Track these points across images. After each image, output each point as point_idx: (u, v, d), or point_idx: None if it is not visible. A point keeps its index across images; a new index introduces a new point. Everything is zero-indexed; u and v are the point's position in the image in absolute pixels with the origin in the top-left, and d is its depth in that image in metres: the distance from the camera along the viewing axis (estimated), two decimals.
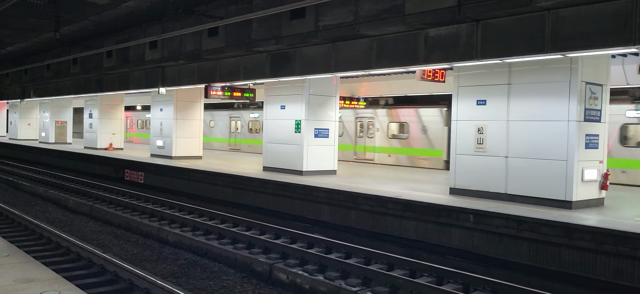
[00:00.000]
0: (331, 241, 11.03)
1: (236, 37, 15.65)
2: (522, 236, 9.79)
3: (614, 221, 9.51)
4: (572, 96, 10.74)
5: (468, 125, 12.49)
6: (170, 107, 22.83)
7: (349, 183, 14.80)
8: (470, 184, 12.42)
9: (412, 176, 17.53)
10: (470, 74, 12.43)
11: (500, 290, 8.18)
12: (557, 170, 10.93)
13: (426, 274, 9.08)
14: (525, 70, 11.41)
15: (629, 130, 16.58)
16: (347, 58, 13.49)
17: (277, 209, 14.84)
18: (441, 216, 11.05)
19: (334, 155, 17.63)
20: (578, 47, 9.49)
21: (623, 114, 16.56)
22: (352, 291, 8.17)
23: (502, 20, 10.30)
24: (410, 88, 21.52)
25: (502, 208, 10.64)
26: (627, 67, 15.55)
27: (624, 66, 15.56)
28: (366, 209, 12.53)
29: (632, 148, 16.46)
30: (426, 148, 21.80)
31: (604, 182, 11.45)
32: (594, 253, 8.85)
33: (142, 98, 34.18)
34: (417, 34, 11.65)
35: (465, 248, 10.64)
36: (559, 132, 10.91)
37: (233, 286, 8.98)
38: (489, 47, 10.57)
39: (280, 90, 17.59)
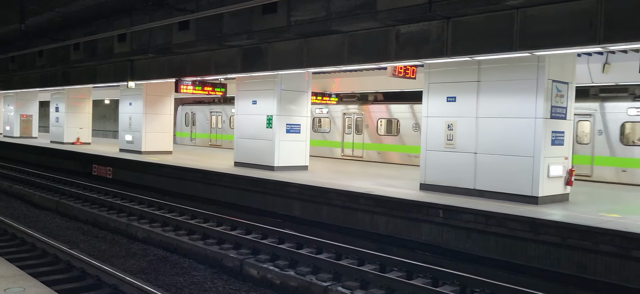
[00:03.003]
0: (302, 236, 11.03)
1: (207, 31, 15.49)
2: (490, 231, 9.96)
3: (578, 216, 9.76)
4: (539, 93, 10.95)
5: (438, 122, 12.63)
6: (139, 101, 22.48)
7: (320, 178, 14.82)
8: (440, 180, 12.57)
9: (385, 172, 17.65)
10: (440, 71, 12.57)
11: (468, 284, 8.31)
12: (524, 166, 11.15)
13: (396, 269, 9.16)
14: (494, 67, 11.60)
15: (629, 128, 16.33)
16: (319, 54, 13.50)
17: (249, 204, 14.77)
18: (411, 212, 11.16)
19: (305, 151, 17.63)
20: (545, 45, 9.70)
21: (624, 112, 16.26)
22: (322, 286, 8.19)
23: (472, 17, 10.45)
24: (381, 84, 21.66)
25: (470, 203, 10.81)
26: (592, 65, 15.96)
27: (588, 65, 15.97)
28: (338, 204, 12.57)
29: (634, 146, 16.26)
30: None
31: (569, 178, 11.73)
32: (559, 247, 9.07)
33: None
34: (389, 31, 11.73)
35: (435, 243, 10.77)
36: (526, 128, 11.13)
37: (203, 282, 8.91)
38: (459, 44, 10.71)
39: (252, 85, 17.49)
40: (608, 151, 16.49)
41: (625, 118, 16.24)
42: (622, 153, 16.31)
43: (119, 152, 22.94)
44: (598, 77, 16.12)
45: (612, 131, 16.41)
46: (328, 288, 8.12)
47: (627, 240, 8.33)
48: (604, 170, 16.54)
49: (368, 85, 22.66)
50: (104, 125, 46.67)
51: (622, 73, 15.51)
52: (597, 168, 16.69)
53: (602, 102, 16.69)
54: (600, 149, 16.60)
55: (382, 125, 23.34)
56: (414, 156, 21.17)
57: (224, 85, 20.39)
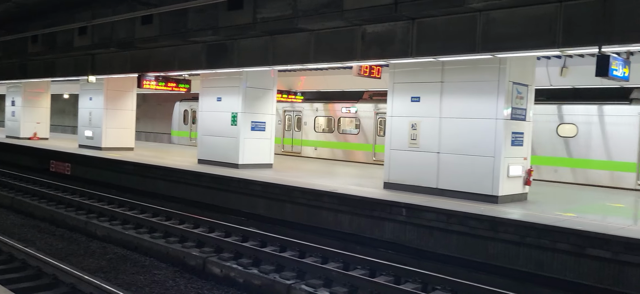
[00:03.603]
0: (266, 234, 10.99)
1: (171, 26, 15.24)
2: (452, 229, 10.12)
3: (536, 215, 10.01)
4: (500, 95, 11.19)
5: (402, 121, 12.76)
6: (100, 97, 21.97)
7: (285, 176, 14.79)
8: (403, 179, 12.70)
9: (350, 171, 17.74)
10: (405, 71, 12.71)
11: (430, 281, 8.43)
12: (485, 165, 11.38)
13: (359, 267, 9.22)
14: (458, 68, 11.79)
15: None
16: (285, 52, 13.46)
17: (212, 202, 14.62)
18: (375, 210, 11.25)
19: (270, 149, 17.56)
20: (507, 48, 9.92)
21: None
22: (286, 284, 8.17)
23: (437, 19, 10.59)
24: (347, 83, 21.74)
25: (433, 202, 10.96)
26: (551, 68, 16.40)
27: (547, 68, 16.41)
28: (302, 203, 12.57)
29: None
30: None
31: (528, 178, 12.02)
32: (518, 245, 9.29)
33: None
34: (355, 30, 11.78)
35: (398, 241, 10.88)
36: (488, 129, 11.35)
37: (165, 280, 8.78)
38: (423, 45, 10.85)
39: (217, 81, 17.31)
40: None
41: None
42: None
43: (78, 148, 22.37)
44: (556, 80, 16.57)
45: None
46: (291, 286, 8.11)
47: (582, 238, 8.59)
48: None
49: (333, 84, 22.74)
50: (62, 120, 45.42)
51: (579, 77, 15.99)
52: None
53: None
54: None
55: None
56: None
57: (188, 81, 20.11)
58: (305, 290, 8.01)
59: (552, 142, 17.20)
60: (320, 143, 24.36)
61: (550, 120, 17.28)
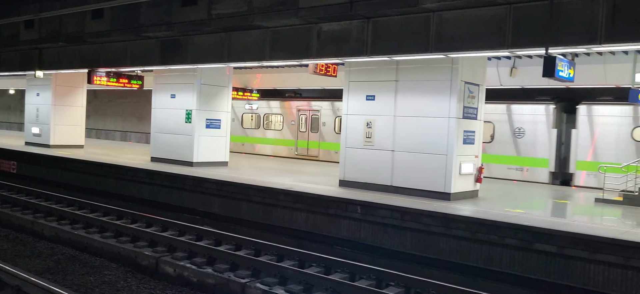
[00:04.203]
0: (221, 233, 10.87)
1: (123, 21, 14.88)
2: (406, 226, 10.28)
3: (487, 211, 10.28)
4: (453, 94, 11.43)
5: (357, 120, 12.87)
6: (48, 92, 21.23)
7: (240, 174, 14.67)
8: (358, 176, 12.81)
9: (306, 169, 17.76)
10: (360, 70, 12.81)
11: (384, 278, 8.53)
12: (438, 163, 11.60)
13: (315, 265, 9.24)
14: (412, 68, 11.97)
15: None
16: (240, 49, 13.35)
17: (166, 201, 14.36)
18: (330, 208, 11.30)
19: (225, 146, 17.39)
20: (459, 48, 10.14)
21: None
22: (241, 283, 8.11)
23: (392, 19, 10.73)
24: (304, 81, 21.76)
25: (387, 199, 11.09)
26: (501, 69, 16.87)
27: (498, 68, 16.86)
28: (257, 201, 12.50)
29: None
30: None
31: (479, 175, 12.33)
32: (469, 241, 9.52)
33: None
34: (311, 28, 11.80)
35: (353, 238, 10.97)
36: (441, 127, 11.58)
37: (116, 281, 8.56)
38: (378, 44, 10.96)
39: (171, 78, 17.01)
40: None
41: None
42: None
43: (25, 146, 21.55)
44: (506, 80, 17.06)
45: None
46: (246, 285, 8.05)
47: (530, 234, 8.88)
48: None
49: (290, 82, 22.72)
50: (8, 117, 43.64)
51: (527, 77, 16.51)
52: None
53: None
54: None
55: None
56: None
57: (141, 77, 19.68)
58: (260, 288, 7.97)
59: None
60: (245, 139, 25.09)
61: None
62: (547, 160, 17.13)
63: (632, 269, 7.98)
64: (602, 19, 8.42)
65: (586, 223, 9.67)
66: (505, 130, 17.92)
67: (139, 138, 31.07)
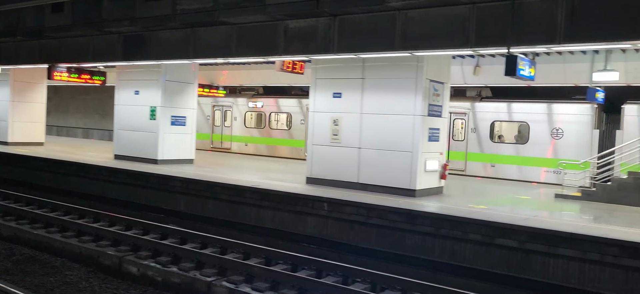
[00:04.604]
0: (186, 231, 10.74)
1: (85, 15, 14.54)
2: (372, 222, 10.36)
3: (451, 207, 10.46)
4: (418, 92, 11.57)
5: (324, 117, 12.90)
6: (5, 88, 20.59)
7: (206, 172, 14.54)
8: (325, 173, 12.84)
9: (272, 166, 17.70)
10: (327, 67, 12.84)
11: (350, 274, 8.58)
12: (404, 160, 11.73)
13: (281, 262, 9.23)
14: (378, 66, 12.06)
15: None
16: (206, 45, 13.21)
17: (130, 199, 14.11)
18: (297, 205, 11.30)
19: (191, 144, 17.19)
20: (424, 46, 10.27)
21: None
22: (206, 281, 8.04)
23: (358, 16, 10.78)
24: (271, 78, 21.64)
25: (354, 196, 11.16)
26: (465, 67, 17.15)
27: (462, 67, 17.13)
28: (224, 198, 12.41)
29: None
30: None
31: (443, 172, 12.52)
32: (433, 237, 9.66)
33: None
34: (277, 25, 11.76)
35: (320, 235, 11.00)
36: (406, 125, 11.71)
37: (77, 281, 8.37)
38: (345, 41, 11.00)
39: (134, 74, 16.71)
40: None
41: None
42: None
43: None
44: (470, 78, 17.36)
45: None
46: (212, 283, 7.99)
47: (492, 229, 9.07)
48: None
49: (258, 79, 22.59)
50: None
51: (491, 76, 16.83)
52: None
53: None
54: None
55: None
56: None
57: (104, 73, 19.25)
58: (226, 287, 7.91)
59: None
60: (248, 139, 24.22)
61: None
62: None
63: (589, 263, 8.24)
64: (561, 19, 8.65)
65: (546, 219, 9.92)
66: (542, 131, 16.79)
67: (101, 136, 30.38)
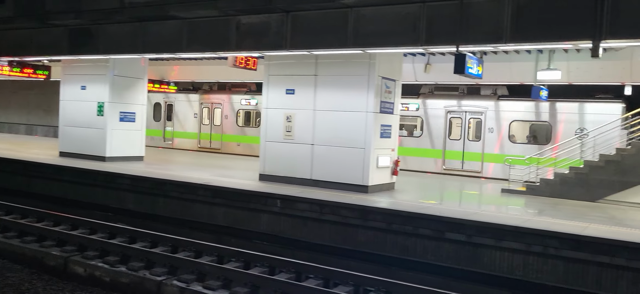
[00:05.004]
0: (135, 230, 10.50)
1: (27, 7, 13.96)
2: (325, 219, 10.41)
3: (402, 203, 10.63)
4: (370, 89, 11.69)
5: (277, 113, 12.86)
6: None
7: (157, 169, 14.25)
8: (278, 170, 12.82)
9: (225, 163, 17.52)
10: (280, 64, 12.80)
11: (303, 270, 8.59)
12: (356, 157, 11.84)
13: (234, 260, 9.15)
14: (331, 62, 12.11)
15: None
16: (156, 40, 12.93)
17: (76, 198, 13.67)
18: (250, 202, 11.24)
19: (141, 140, 16.81)
20: (376, 44, 10.38)
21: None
22: (156, 280, 7.89)
23: (311, 13, 10.79)
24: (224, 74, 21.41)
25: (307, 193, 11.19)
26: (416, 65, 17.45)
27: (413, 64, 17.43)
28: (175, 196, 12.20)
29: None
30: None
31: (395, 168, 12.71)
32: (385, 232, 9.80)
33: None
34: (230, 20, 11.63)
35: (273, 232, 10.98)
36: (359, 122, 11.81)
37: (20, 283, 8.04)
38: (298, 38, 10.99)
39: (81, 69, 16.20)
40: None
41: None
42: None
43: None
44: (421, 76, 17.68)
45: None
46: (162, 283, 7.85)
47: (442, 223, 9.27)
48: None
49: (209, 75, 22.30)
50: None
51: (441, 74, 17.19)
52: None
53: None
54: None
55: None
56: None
57: (48, 67, 18.58)
58: (177, 286, 7.78)
59: None
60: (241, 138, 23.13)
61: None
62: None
63: (533, 255, 8.55)
64: (507, 20, 8.91)
65: (493, 213, 10.23)
66: (565, 131, 16.06)
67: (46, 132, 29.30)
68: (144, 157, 16.79)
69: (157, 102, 24.87)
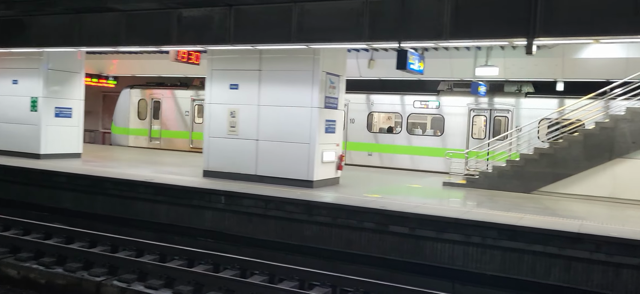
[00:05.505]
0: (73, 229, 10.12)
1: None
2: (270, 214, 10.38)
3: (347, 197, 10.73)
4: (315, 84, 11.72)
5: (221, 109, 12.70)
6: None
7: (96, 167, 13.78)
8: (223, 166, 12.66)
9: (168, 160, 17.15)
10: (223, 58, 12.63)
11: (248, 267, 8.54)
12: (301, 152, 11.85)
13: (177, 258, 8.98)
14: (275, 58, 12.06)
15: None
16: (93, 33, 12.49)
17: (7, 197, 13.02)
18: (193, 199, 11.06)
19: (78, 137, 16.20)
20: (320, 39, 10.41)
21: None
22: (95, 281, 7.64)
23: (254, 7, 10.70)
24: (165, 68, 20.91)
25: (252, 189, 11.11)
26: (360, 61, 17.65)
27: (357, 60, 17.62)
28: (115, 194, 11.84)
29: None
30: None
31: (339, 163, 12.81)
32: (330, 227, 9.87)
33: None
34: (171, 13, 11.38)
35: (218, 228, 10.84)
36: (303, 117, 11.82)
37: None
38: (241, 32, 10.87)
39: (12, 62, 15.44)
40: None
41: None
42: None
43: None
44: (365, 71, 17.89)
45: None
46: (102, 283, 7.61)
47: (386, 217, 9.43)
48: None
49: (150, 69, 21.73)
50: None
51: (384, 70, 17.46)
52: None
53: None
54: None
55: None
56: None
57: None
58: (117, 286, 7.57)
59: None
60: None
61: None
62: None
63: (473, 245, 8.83)
64: (447, 17, 9.14)
65: (435, 206, 10.49)
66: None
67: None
68: (81, 154, 16.19)
69: (142, 98, 23.23)
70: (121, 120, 23.21)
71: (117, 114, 23.45)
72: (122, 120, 23.16)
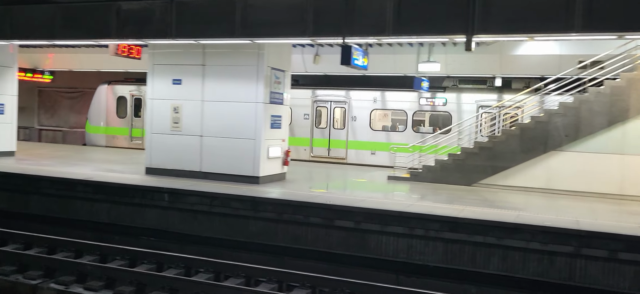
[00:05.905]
0: (5, 231, 9.66)
1: None
2: (215, 211, 10.25)
3: (293, 192, 10.74)
4: (260, 80, 11.64)
5: (164, 104, 12.42)
6: None
7: (30, 165, 13.19)
8: (166, 163, 12.40)
9: (110, 157, 16.62)
10: (166, 53, 12.35)
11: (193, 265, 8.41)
12: (247, 148, 11.75)
13: (118, 258, 8.73)
14: (219, 52, 11.89)
15: None
16: (26, 25, 11.94)
17: None
18: (135, 197, 10.78)
19: (11, 134, 15.45)
20: (265, 34, 10.35)
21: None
22: (31, 284, 7.33)
23: (197, 1, 10.50)
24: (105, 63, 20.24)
25: (196, 185, 10.93)
26: (306, 56, 17.67)
27: (303, 55, 17.62)
28: (51, 193, 11.38)
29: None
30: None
31: (286, 158, 12.79)
32: (276, 223, 9.84)
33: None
34: (109, 6, 11.02)
35: (161, 227, 10.61)
36: (249, 112, 11.72)
37: None
38: (184, 27, 10.66)
39: None
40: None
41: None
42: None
43: None
44: (310, 67, 17.92)
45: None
46: (38, 286, 7.31)
47: (331, 211, 9.49)
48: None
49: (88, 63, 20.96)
50: None
51: (329, 65, 17.54)
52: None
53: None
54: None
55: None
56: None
57: None
58: (54, 289, 7.29)
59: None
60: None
61: None
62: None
63: (416, 238, 9.02)
64: (390, 13, 9.26)
65: (380, 199, 10.65)
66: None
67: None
68: (15, 152, 15.46)
69: (122, 95, 21.62)
70: (97, 118, 21.77)
71: (92, 112, 21.92)
72: (99, 118, 21.73)
